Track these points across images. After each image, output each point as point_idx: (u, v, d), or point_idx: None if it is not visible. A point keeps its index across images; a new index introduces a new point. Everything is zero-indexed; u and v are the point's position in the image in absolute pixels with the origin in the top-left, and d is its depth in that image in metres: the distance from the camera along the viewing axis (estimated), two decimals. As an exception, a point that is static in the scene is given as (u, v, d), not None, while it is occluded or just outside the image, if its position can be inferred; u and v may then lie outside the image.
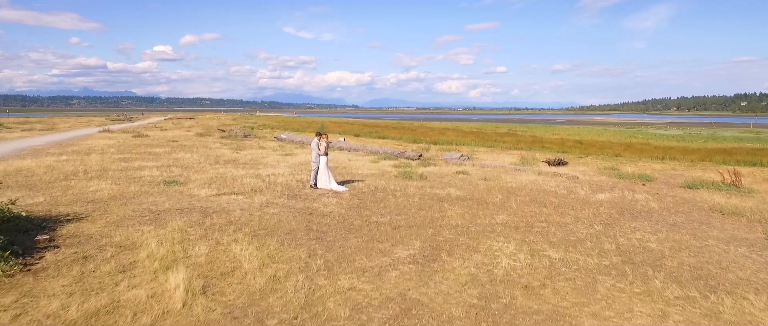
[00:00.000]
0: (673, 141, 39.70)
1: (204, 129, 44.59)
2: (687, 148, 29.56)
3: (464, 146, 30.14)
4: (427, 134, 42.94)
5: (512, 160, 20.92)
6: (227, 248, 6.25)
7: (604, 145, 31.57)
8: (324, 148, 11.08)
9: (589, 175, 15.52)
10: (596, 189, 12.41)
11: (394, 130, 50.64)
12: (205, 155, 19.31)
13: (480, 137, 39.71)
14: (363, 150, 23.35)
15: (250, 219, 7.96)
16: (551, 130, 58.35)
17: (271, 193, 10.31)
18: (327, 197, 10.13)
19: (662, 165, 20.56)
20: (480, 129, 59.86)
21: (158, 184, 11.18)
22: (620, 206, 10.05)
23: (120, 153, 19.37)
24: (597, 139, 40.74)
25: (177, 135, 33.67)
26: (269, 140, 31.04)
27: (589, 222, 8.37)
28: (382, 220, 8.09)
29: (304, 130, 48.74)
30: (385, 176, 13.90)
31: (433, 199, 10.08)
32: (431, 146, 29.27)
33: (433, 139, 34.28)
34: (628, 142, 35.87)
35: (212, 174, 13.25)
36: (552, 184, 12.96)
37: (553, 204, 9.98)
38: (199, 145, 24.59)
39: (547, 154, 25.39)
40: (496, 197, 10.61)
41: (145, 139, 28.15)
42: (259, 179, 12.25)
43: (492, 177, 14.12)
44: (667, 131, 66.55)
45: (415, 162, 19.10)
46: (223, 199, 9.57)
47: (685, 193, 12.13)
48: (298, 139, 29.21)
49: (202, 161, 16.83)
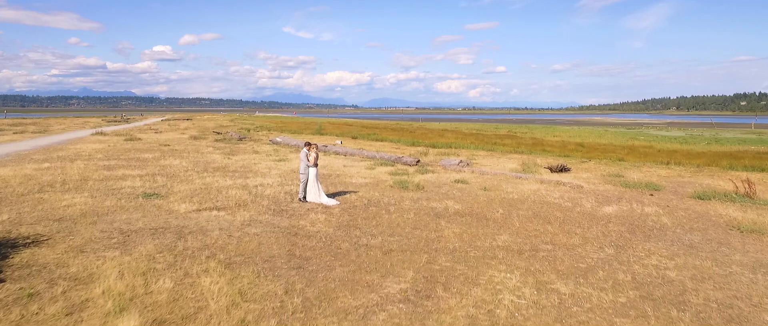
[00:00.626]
0: (676, 143, 38.99)
1: (199, 131, 43.91)
2: (691, 152, 28.88)
3: (463, 149, 29.45)
4: (426, 136, 42.23)
5: (513, 165, 20.22)
6: (195, 282, 5.55)
7: (606, 148, 30.88)
8: (313, 159, 10.37)
9: (593, 184, 14.82)
10: (602, 200, 11.72)
11: (393, 132, 49.95)
12: (194, 161, 18.60)
13: (479, 139, 39.01)
14: (359, 155, 22.65)
15: (227, 241, 7.26)
16: (552, 132, 57.66)
17: (256, 208, 9.61)
18: (315, 212, 9.43)
19: (668, 170, 19.86)
20: (479, 130, 59.16)
21: (137, 197, 10.47)
22: (630, 222, 9.36)
23: (107, 159, 18.66)
24: (598, 141, 40.04)
25: (170, 138, 32.96)
26: (264, 143, 30.33)
27: (599, 244, 7.68)
28: (373, 243, 7.39)
29: (301, 131, 48.05)
30: (380, 186, 13.20)
31: (429, 215, 9.39)
32: (430, 150, 28.57)
33: (432, 142, 33.58)
34: (630, 144, 35.19)
35: (197, 184, 12.54)
36: (556, 195, 12.26)
37: (559, 221, 9.29)
38: (190, 150, 23.88)
39: (548, 158, 24.71)
40: (497, 211, 9.91)
41: (137, 143, 27.44)
42: (246, 191, 11.54)
43: (492, 187, 13.43)
44: (669, 132, 65.91)
45: (412, 168, 18.40)
46: (203, 216, 8.87)
47: (697, 205, 11.44)
48: (294, 142, 28.50)
49: (191, 169, 16.13)
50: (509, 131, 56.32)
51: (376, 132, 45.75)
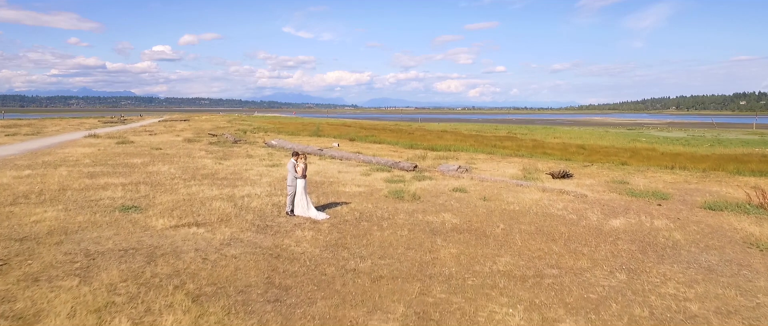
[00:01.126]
0: (679, 145, 38.36)
1: (195, 133, 43.22)
2: (695, 155, 28.22)
3: (462, 152, 28.81)
4: (425, 138, 41.58)
5: (513, 170, 19.57)
6: (156, 321, 4.89)
7: (608, 151, 30.23)
8: (301, 170, 9.69)
9: (597, 192, 14.17)
10: (609, 212, 11.07)
11: (392, 134, 49.29)
12: (184, 167, 17.93)
13: (479, 141, 38.37)
14: (355, 159, 21.99)
15: (201, 267, 6.60)
16: (552, 133, 57.00)
17: (239, 224, 8.95)
18: (302, 228, 8.77)
19: (673, 176, 19.21)
20: (479, 131, 58.52)
21: (113, 211, 9.81)
22: (641, 239, 8.71)
23: (93, 165, 17.99)
24: (600, 143, 39.39)
25: (164, 141, 32.29)
26: (260, 146, 29.66)
27: (610, 268, 7.03)
28: (362, 267, 6.73)
29: (299, 133, 47.41)
30: (374, 196, 12.54)
31: (424, 231, 8.73)
32: (428, 153, 27.92)
33: (431, 144, 32.92)
34: (632, 147, 34.53)
35: (182, 195, 11.88)
36: (559, 206, 11.61)
37: (563, 237, 8.64)
38: (182, 154, 23.21)
39: (549, 162, 24.06)
40: (498, 226, 9.26)
41: (128, 147, 26.78)
42: (231, 203, 10.87)
43: (492, 197, 12.77)
44: (670, 133, 65.27)
45: (409, 174, 17.74)
46: (180, 234, 8.21)
47: (709, 218, 10.78)
48: (289, 145, 27.84)
49: (178, 176, 15.46)
50: (509, 132, 55.69)
51: (374, 134, 45.11)
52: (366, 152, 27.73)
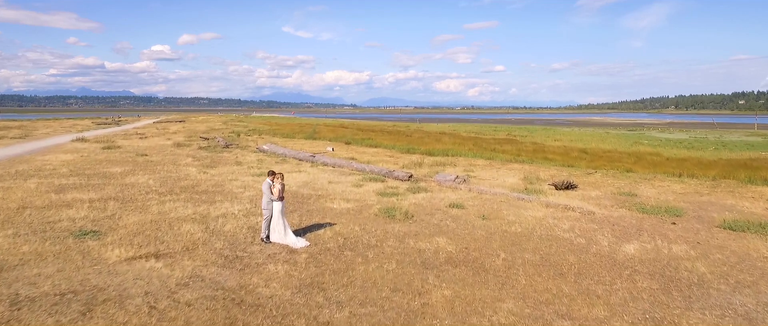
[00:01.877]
0: (683, 149, 37.34)
1: (187, 136, 42.14)
2: (702, 161, 27.19)
3: (461, 157, 27.78)
4: (423, 141, 40.55)
5: (513, 180, 18.53)
6: None
7: (611, 157, 29.19)
8: (278, 192, 8.60)
9: (605, 207, 13.13)
10: (620, 234, 10.02)
11: (389, 136, 48.24)
12: (164, 178, 16.87)
13: (478, 145, 37.34)
14: (349, 167, 20.94)
15: (145, 321, 5.54)
16: (552, 135, 55.98)
17: (206, 254, 7.88)
18: (276, 261, 7.69)
19: (682, 185, 18.18)
20: (478, 133, 57.49)
21: (68, 237, 8.74)
22: (661, 272, 7.66)
23: (68, 175, 16.92)
24: (602, 146, 38.36)
25: (153, 145, 31.20)
26: (251, 151, 28.60)
27: (631, 319, 5.98)
28: (337, 319, 5.67)
29: (294, 135, 46.36)
30: (364, 214, 11.48)
31: (415, 264, 7.68)
32: (425, 158, 26.89)
33: (428, 148, 31.88)
34: (636, 151, 33.49)
35: (152, 214, 10.82)
36: (565, 226, 10.56)
37: (573, 271, 7.59)
38: (167, 161, 22.15)
39: (551, 169, 23.03)
40: (498, 256, 8.21)
41: (113, 153, 25.71)
42: (203, 225, 9.80)
43: (492, 214, 11.73)
44: (671, 134, 64.27)
45: (404, 185, 16.70)
46: (134, 270, 7.15)
47: (731, 240, 9.74)
48: (281, 151, 26.79)
49: (155, 188, 14.39)
50: (508, 134, 54.67)
51: (371, 136, 44.06)
52: (361, 157, 26.68)
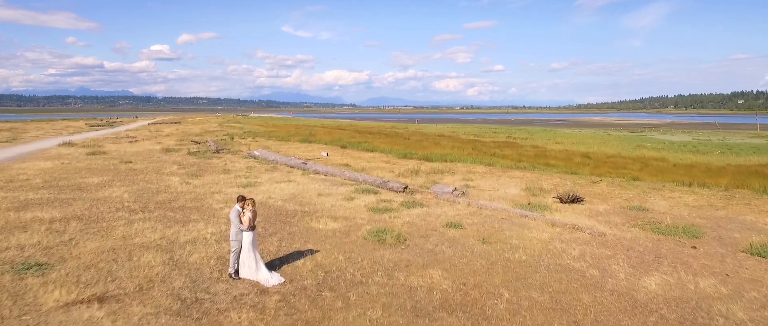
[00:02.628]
0: (688, 153, 36.32)
1: (179, 139, 41.06)
2: (711, 167, 26.20)
3: (460, 163, 26.75)
4: (421, 145, 39.51)
5: (515, 190, 17.48)
6: None
7: (616, 163, 28.18)
8: (248, 221, 7.50)
9: (616, 225, 12.08)
10: (637, 263, 8.97)
11: (386, 139, 47.22)
12: (142, 190, 15.79)
13: (477, 149, 36.32)
14: (341, 176, 19.87)
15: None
16: (553, 137, 54.99)
17: (160, 298, 6.77)
18: (241, 307, 6.57)
19: (693, 196, 17.14)
20: (477, 135, 56.49)
21: (6, 273, 7.63)
22: (691, 318, 6.61)
23: (39, 188, 15.83)
24: (605, 150, 37.35)
25: (140, 150, 30.10)
26: (242, 156, 27.52)
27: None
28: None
29: (289, 138, 45.32)
30: (351, 237, 10.42)
31: (403, 310, 6.57)
32: (423, 164, 25.86)
33: (426, 153, 30.83)
34: (641, 156, 32.46)
35: (113, 240, 9.73)
36: (575, 252, 9.51)
37: (590, 317, 6.53)
38: (150, 170, 21.07)
39: (553, 176, 22.00)
40: (501, 298, 7.14)
41: (96, 159, 24.62)
42: (168, 254, 8.70)
43: (492, 236, 10.67)
44: (673, 136, 63.33)
45: (399, 197, 15.65)
46: (68, 321, 6.06)
47: (764, 271, 8.68)
48: (272, 157, 25.70)
49: (127, 205, 13.31)
50: (508, 137, 53.64)
51: (368, 139, 43.01)
52: (356, 164, 25.63)
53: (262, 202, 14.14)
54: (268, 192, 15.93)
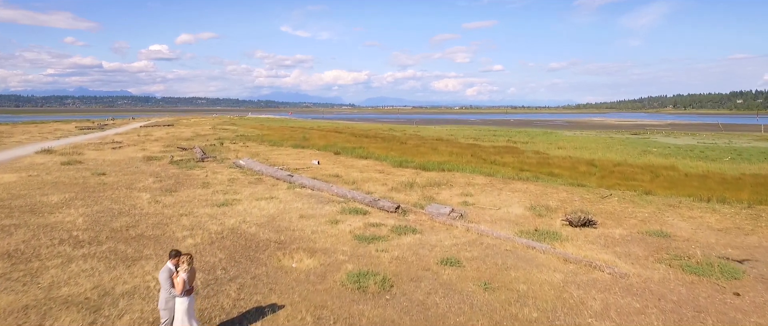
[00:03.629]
0: (697, 159, 34.64)
1: (166, 145, 39.38)
2: (726, 178, 24.54)
3: (458, 173, 25.11)
4: (418, 150, 37.84)
5: (519, 210, 15.85)
6: None
7: (624, 172, 26.52)
8: (181, 284, 5.80)
9: (638, 259, 10.45)
10: (677, 322, 7.34)
11: (382, 144, 45.56)
12: (102, 212, 14.11)
13: (476, 156, 34.67)
14: (329, 191, 18.22)
15: None
16: (555, 141, 53.35)
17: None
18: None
19: (716, 216, 15.52)
20: (476, 139, 54.86)
21: None
22: None
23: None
24: (610, 157, 35.69)
25: (120, 159, 28.38)
26: (227, 166, 25.86)
27: None
28: None
29: (282, 142, 43.66)
30: (327, 281, 8.77)
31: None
32: (419, 175, 24.24)
33: (423, 161, 29.17)
34: (648, 164, 30.80)
35: (34, 291, 8.06)
36: (596, 306, 7.87)
37: None
38: (122, 184, 19.38)
39: (559, 189, 20.36)
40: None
41: (69, 170, 22.93)
42: (94, 314, 7.01)
43: (495, 279, 9.03)
44: (677, 139, 61.76)
45: (390, 219, 14.02)
46: None
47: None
48: (257, 167, 24.04)
49: (76, 235, 11.63)
50: (508, 141, 51.98)
51: (363, 144, 41.35)
52: (348, 174, 23.99)
53: (233, 229, 12.48)
54: (244, 214, 14.26)
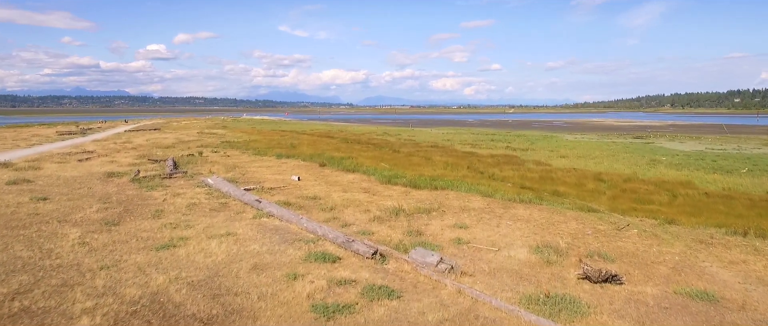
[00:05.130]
0: (713, 171, 31.89)
1: (139, 156, 36.53)
2: (753, 199, 21.80)
3: (452, 192, 22.43)
4: (410, 161, 35.07)
5: (523, 253, 13.12)
6: None
7: (637, 191, 23.77)
8: None
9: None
10: None
11: (374, 151, 42.83)
12: (1, 263, 11.33)
13: (473, 168, 31.95)
14: (298, 224, 15.45)
15: None
16: (556, 147, 50.67)
17: None
18: None
19: (762, 260, 12.84)
20: (474, 145, 52.15)
21: None
22: None
23: None
24: (617, 168, 32.98)
25: (78, 175, 25.49)
26: (196, 184, 23.06)
27: None
28: None
29: (267, 151, 40.88)
30: None
31: None
32: (408, 194, 21.59)
33: (414, 175, 26.48)
34: (661, 179, 28.07)
35: None
36: None
37: None
38: (57, 214, 16.56)
39: (568, 216, 17.64)
40: None
41: (5, 194, 20.05)
42: None
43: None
44: (683, 144, 59.14)
45: (364, 271, 11.29)
46: None
47: None
48: (225, 189, 21.25)
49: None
50: (507, 148, 49.30)
51: (352, 155, 38.58)
52: (329, 194, 21.22)
53: (155, 294, 9.66)
54: (183, 264, 11.45)
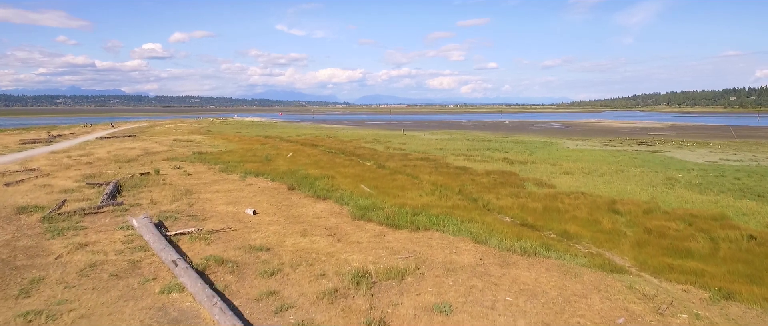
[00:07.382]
0: (746, 199, 27.35)
1: (88, 175, 32.06)
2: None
3: (437, 232, 18.10)
4: (394, 183, 30.63)
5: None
6: None
7: (665, 233, 19.33)
8: None
9: None
10: None
11: (356, 167, 38.42)
12: None
13: (465, 193, 27.53)
14: (210, 313, 10.95)
15: None
16: (558, 159, 46.30)
17: None
18: None
19: None
20: (468, 157, 47.74)
21: None
22: None
23: None
24: (633, 192, 28.51)
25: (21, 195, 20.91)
26: (122, 222, 18.60)
27: None
28: None
29: (236, 167, 36.45)
30: None
31: None
32: (382, 240, 17.28)
33: (395, 206, 22.09)
34: (689, 212, 23.59)
35: None
36: None
37: None
38: None
39: (585, 284, 13.21)
40: None
41: None
42: None
43: None
44: (693, 153, 54.87)
45: None
46: None
47: None
48: (147, 237, 16.75)
49: None
50: (504, 160, 44.89)
51: (330, 172, 34.18)
52: (281, 243, 16.76)
53: None
54: None
